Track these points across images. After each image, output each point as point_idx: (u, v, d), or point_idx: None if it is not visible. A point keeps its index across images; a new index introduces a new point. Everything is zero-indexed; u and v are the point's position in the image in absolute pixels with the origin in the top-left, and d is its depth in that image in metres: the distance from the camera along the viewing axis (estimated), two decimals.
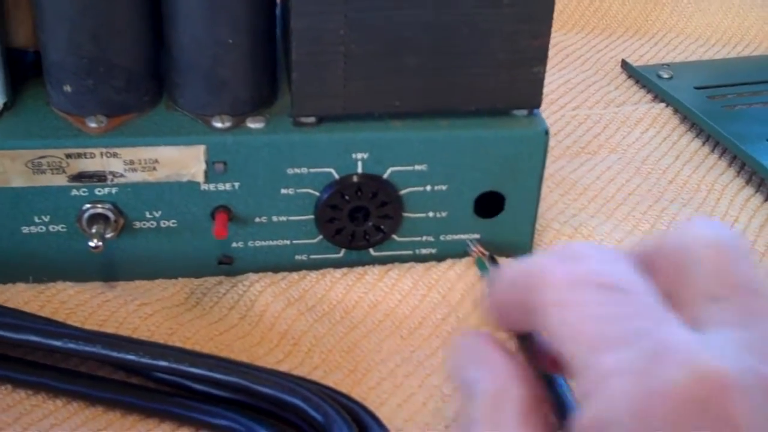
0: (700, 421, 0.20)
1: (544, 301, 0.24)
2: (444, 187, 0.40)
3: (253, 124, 0.39)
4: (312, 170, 0.39)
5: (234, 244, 0.40)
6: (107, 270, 0.40)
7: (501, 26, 0.38)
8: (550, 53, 0.64)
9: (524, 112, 0.40)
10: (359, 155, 0.39)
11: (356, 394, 0.35)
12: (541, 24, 0.38)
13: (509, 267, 0.27)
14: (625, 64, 0.62)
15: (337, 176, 0.39)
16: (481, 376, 0.26)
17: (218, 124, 0.38)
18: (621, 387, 0.21)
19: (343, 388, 0.35)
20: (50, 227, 0.39)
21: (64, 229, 0.39)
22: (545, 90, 0.40)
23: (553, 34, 0.66)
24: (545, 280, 0.24)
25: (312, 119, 0.39)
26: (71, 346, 0.33)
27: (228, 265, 0.41)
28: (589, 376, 0.22)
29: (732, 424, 0.20)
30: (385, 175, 0.39)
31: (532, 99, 0.40)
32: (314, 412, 0.30)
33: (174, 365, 0.32)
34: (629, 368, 0.21)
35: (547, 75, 0.62)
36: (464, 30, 0.37)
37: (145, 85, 0.39)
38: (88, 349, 0.32)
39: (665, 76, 0.59)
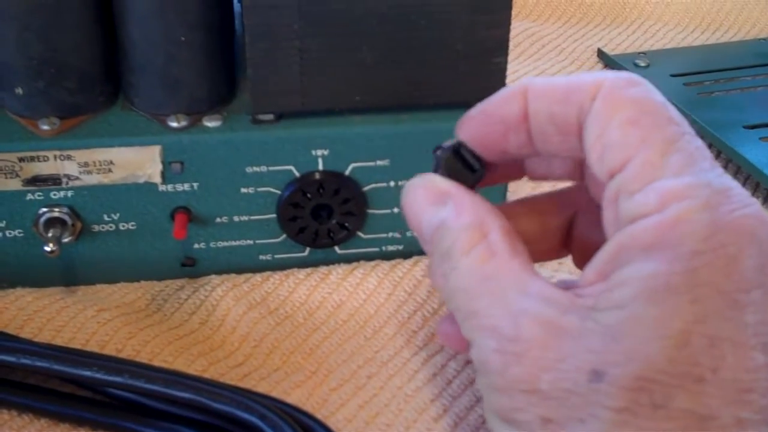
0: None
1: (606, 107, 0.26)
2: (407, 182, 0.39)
3: (210, 122, 0.38)
4: (272, 168, 0.38)
5: (196, 246, 0.40)
6: (67, 275, 0.39)
7: (459, 17, 0.37)
8: (526, 44, 0.64)
9: None
10: (319, 152, 0.38)
11: (317, 395, 0.34)
12: (500, 13, 0.37)
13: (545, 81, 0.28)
14: (601, 54, 0.61)
15: (297, 174, 0.38)
16: (450, 214, 0.27)
17: (174, 124, 0.37)
18: (695, 215, 0.23)
19: (304, 390, 0.34)
20: (7, 233, 0.38)
21: (21, 234, 0.38)
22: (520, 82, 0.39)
23: (528, 25, 0.66)
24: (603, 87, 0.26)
25: (270, 116, 0.38)
26: (25, 361, 0.32)
27: (191, 267, 0.40)
28: (648, 194, 0.24)
29: None
30: (347, 172, 0.39)
31: (496, 90, 0.39)
32: (270, 431, 0.30)
33: (129, 381, 0.31)
34: (698, 196, 0.23)
35: (522, 66, 0.62)
36: (421, 22, 0.37)
37: (99, 86, 0.38)
38: (40, 364, 0.32)
39: (642, 64, 0.59)
